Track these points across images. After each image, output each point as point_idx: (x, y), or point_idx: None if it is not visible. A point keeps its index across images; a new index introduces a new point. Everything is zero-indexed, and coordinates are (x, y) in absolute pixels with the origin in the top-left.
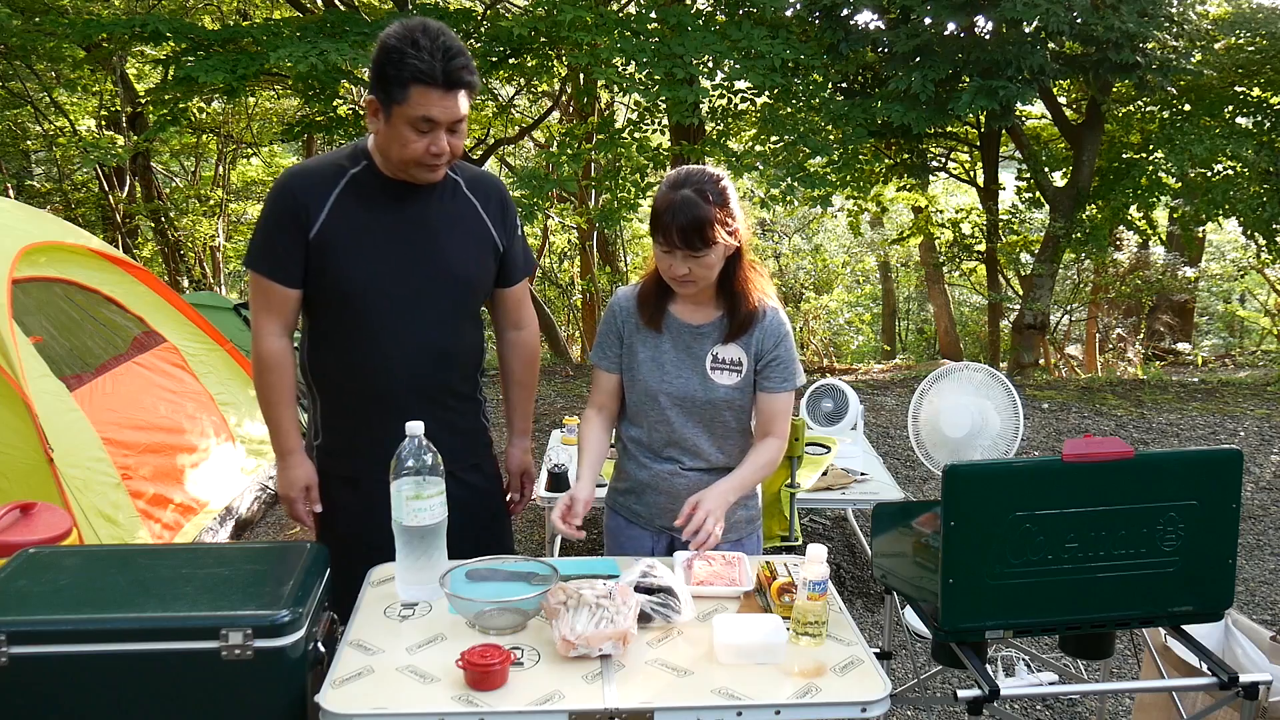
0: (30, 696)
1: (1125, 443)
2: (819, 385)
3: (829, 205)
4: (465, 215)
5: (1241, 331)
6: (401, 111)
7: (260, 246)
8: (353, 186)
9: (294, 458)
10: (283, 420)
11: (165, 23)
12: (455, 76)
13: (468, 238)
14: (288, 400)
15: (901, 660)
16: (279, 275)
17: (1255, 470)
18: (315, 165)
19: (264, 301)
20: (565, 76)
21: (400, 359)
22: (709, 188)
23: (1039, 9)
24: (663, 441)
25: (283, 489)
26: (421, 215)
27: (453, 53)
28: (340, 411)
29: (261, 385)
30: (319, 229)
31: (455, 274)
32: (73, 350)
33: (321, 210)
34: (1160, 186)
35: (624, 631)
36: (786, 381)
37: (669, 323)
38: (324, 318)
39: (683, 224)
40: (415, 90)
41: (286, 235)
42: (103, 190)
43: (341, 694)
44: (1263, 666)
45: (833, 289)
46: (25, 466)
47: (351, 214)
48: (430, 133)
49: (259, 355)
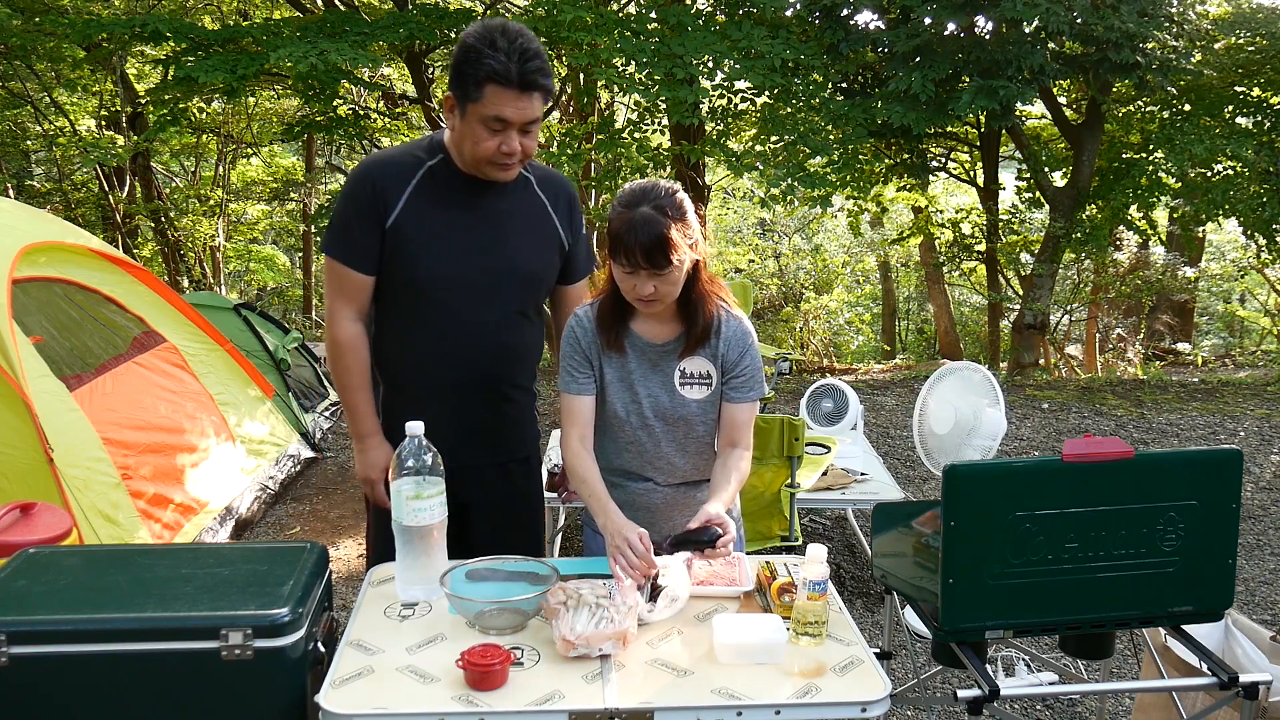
0: (30, 696)
1: (1125, 443)
2: (819, 385)
3: (829, 205)
4: (535, 213)
5: (1241, 331)
6: (476, 110)
7: (338, 233)
8: (429, 179)
9: (373, 439)
10: (359, 403)
11: (165, 23)
12: (530, 79)
13: (536, 235)
14: (364, 384)
15: (901, 660)
16: (355, 262)
17: (1255, 470)
18: (394, 155)
19: (339, 287)
20: (565, 77)
21: (466, 350)
22: (666, 202)
23: (1039, 9)
24: (635, 461)
25: (362, 470)
26: (493, 211)
27: (529, 54)
28: (404, 398)
29: (338, 369)
30: (395, 219)
31: (523, 270)
32: (73, 350)
33: (399, 201)
34: (1160, 186)
35: (624, 631)
36: (752, 391)
37: (632, 342)
38: (393, 306)
39: (645, 242)
40: (490, 89)
41: (364, 223)
42: (103, 190)
43: (341, 694)
44: (1263, 666)
45: (833, 289)
46: (25, 466)
47: (426, 206)
48: (503, 132)
49: (335, 340)
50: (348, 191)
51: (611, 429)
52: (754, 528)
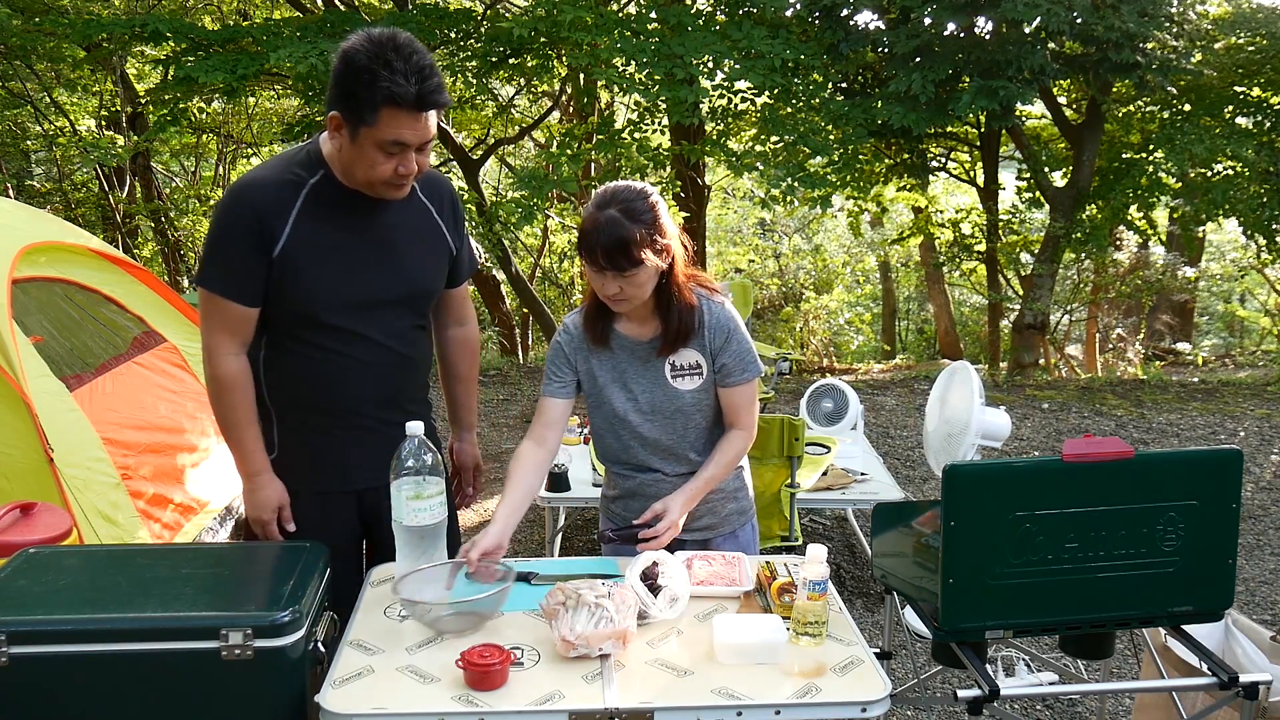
0: (30, 696)
1: (1125, 443)
2: (819, 385)
3: (829, 205)
4: (422, 222)
5: (1241, 331)
6: (371, 134)
7: (216, 264)
8: (313, 199)
9: (263, 477)
10: (247, 440)
11: (165, 23)
12: (429, 99)
13: (426, 245)
14: (250, 419)
15: (901, 660)
16: (238, 294)
17: (1255, 470)
18: (271, 176)
19: (220, 321)
20: (565, 77)
21: (363, 370)
22: (635, 205)
23: (1039, 9)
24: (641, 454)
25: (253, 511)
26: (381, 226)
27: (426, 73)
28: (299, 425)
29: (222, 407)
30: (283, 246)
31: (416, 284)
32: (73, 350)
33: (284, 227)
34: (1160, 186)
35: (623, 631)
36: (745, 373)
37: (617, 340)
38: (283, 334)
39: (607, 245)
40: (386, 113)
41: (245, 253)
42: (103, 190)
43: (341, 694)
44: (1263, 666)
45: (833, 289)
46: (25, 466)
47: (315, 229)
48: (400, 154)
49: (217, 377)
50: (224, 218)
51: (614, 426)
52: None
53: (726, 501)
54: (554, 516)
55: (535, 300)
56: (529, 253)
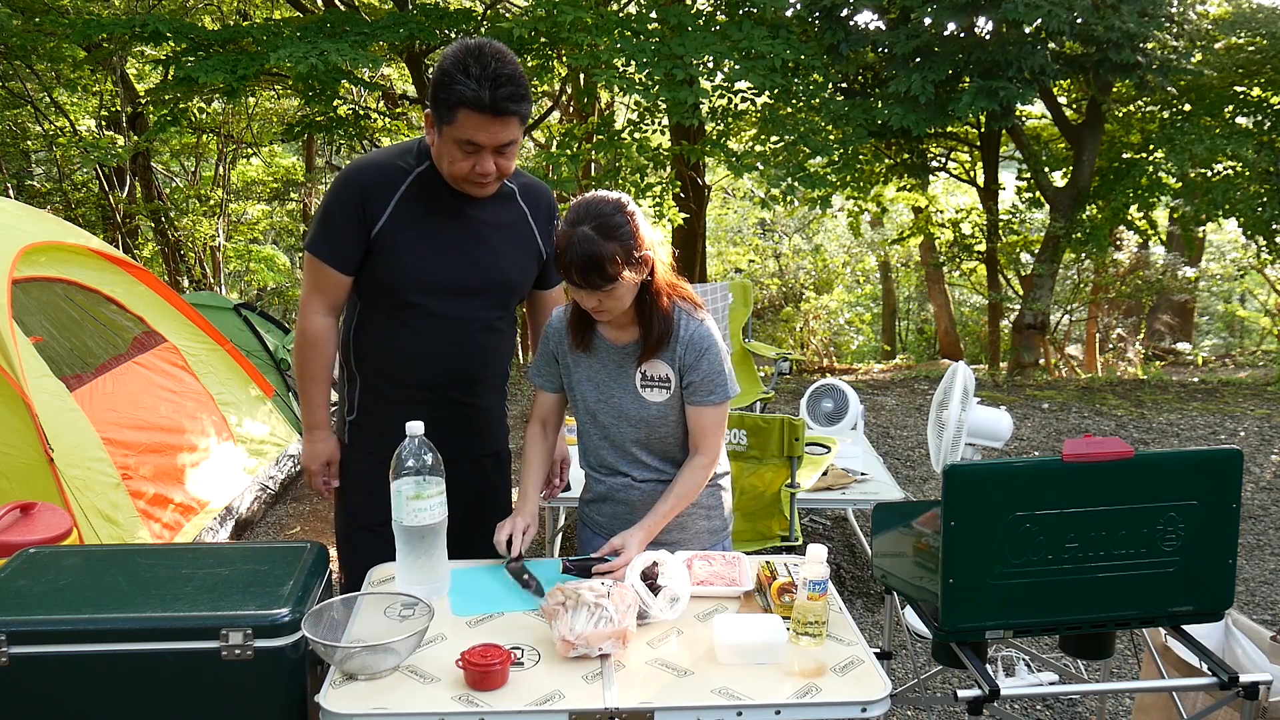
0: (30, 696)
1: (1125, 443)
2: (819, 385)
3: (829, 205)
4: (516, 223)
5: (1241, 331)
6: (450, 132)
7: (322, 232)
8: (416, 186)
9: (320, 432)
10: (315, 395)
11: (165, 23)
12: (501, 105)
13: (516, 245)
14: (323, 377)
15: (901, 660)
16: (336, 261)
17: (1255, 470)
18: (382, 161)
19: (316, 282)
20: (565, 77)
21: (441, 353)
22: (610, 220)
23: (1039, 9)
24: (611, 457)
25: (305, 460)
26: (477, 220)
27: (501, 80)
28: (377, 395)
29: (301, 359)
30: (382, 226)
31: (502, 279)
32: (73, 350)
33: (386, 208)
34: (1160, 186)
35: (623, 630)
36: (713, 395)
37: (598, 344)
38: (373, 306)
39: (581, 263)
40: (462, 114)
41: (349, 226)
42: (103, 190)
43: (341, 694)
44: (1263, 666)
45: (833, 289)
46: (25, 466)
47: (413, 215)
48: (476, 154)
49: (303, 331)
50: (335, 194)
51: (588, 426)
52: (754, 528)
53: (698, 518)
54: (554, 517)
55: None
56: None
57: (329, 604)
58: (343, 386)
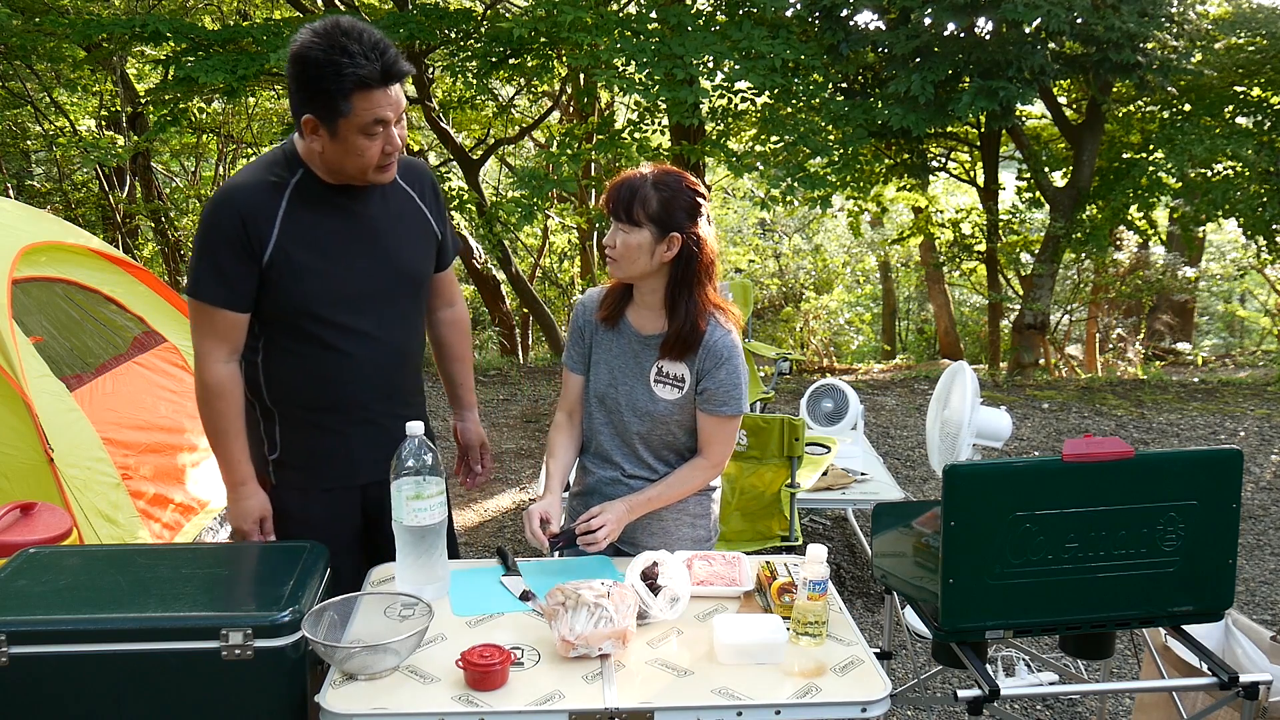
0: (30, 696)
1: (1125, 443)
2: (819, 385)
3: (829, 206)
4: (406, 209)
5: (1241, 331)
6: (349, 123)
7: (207, 272)
8: (297, 198)
9: (247, 487)
10: (233, 450)
11: (165, 23)
12: (394, 70)
13: (413, 232)
14: (239, 428)
15: (901, 660)
16: (230, 301)
17: (1255, 470)
18: (253, 181)
19: (210, 328)
20: (565, 77)
21: (366, 364)
22: (672, 181)
23: (1039, 9)
24: (608, 445)
25: (235, 521)
26: (367, 217)
27: (380, 47)
28: (301, 423)
29: (211, 415)
30: (272, 251)
31: (409, 272)
32: (73, 350)
33: (272, 230)
34: (1160, 186)
35: (623, 630)
36: (725, 405)
37: (624, 327)
38: (281, 334)
39: (619, 186)
40: (359, 97)
41: (236, 260)
42: (103, 190)
43: (341, 694)
44: (1263, 666)
45: (833, 289)
46: (25, 466)
47: (301, 229)
48: (384, 132)
49: (205, 384)
50: (211, 227)
51: (594, 409)
52: (754, 528)
53: (683, 525)
54: None
55: (535, 300)
56: (529, 253)
57: (329, 604)
58: (256, 426)
